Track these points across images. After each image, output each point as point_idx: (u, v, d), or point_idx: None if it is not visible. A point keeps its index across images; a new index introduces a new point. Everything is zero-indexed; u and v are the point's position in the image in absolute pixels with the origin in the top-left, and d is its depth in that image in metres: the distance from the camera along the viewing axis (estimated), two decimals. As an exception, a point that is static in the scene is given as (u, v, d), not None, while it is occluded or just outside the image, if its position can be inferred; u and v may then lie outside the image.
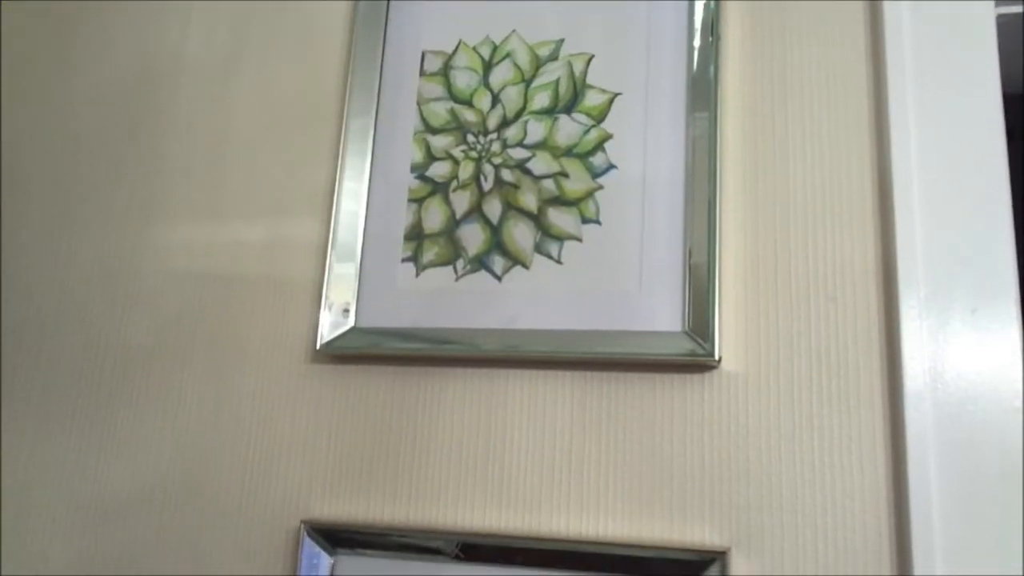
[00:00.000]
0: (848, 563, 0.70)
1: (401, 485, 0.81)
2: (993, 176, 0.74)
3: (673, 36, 0.83)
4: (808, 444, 0.73)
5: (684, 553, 0.71)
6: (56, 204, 1.00)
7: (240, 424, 0.86)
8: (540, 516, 0.77)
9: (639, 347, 0.76)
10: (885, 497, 0.70)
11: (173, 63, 1.01)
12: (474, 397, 0.81)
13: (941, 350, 0.71)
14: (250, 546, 0.83)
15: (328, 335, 0.84)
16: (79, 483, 0.89)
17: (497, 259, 0.82)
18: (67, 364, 0.93)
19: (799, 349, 0.74)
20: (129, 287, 0.94)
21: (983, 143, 0.75)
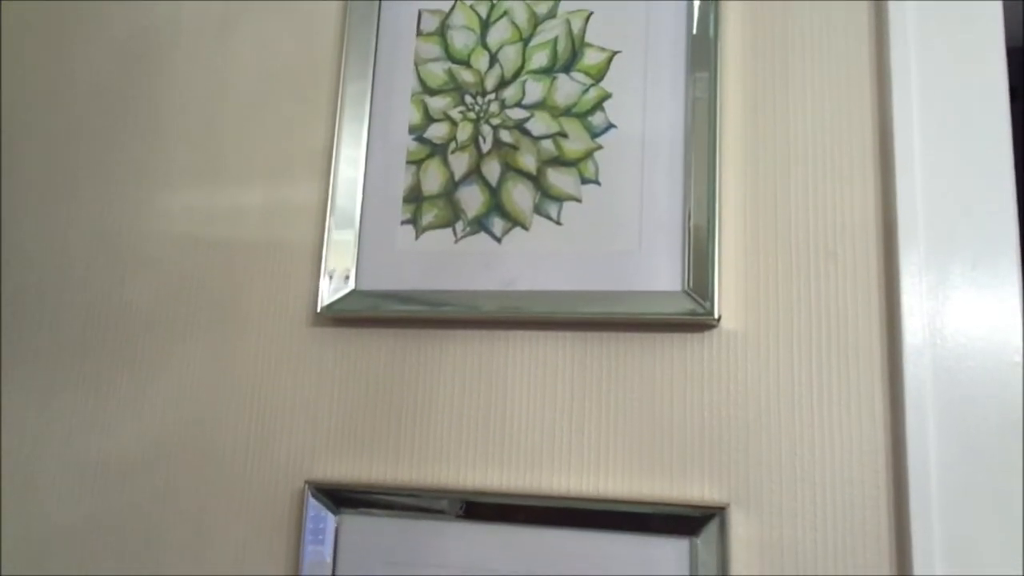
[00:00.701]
0: (846, 518, 0.70)
1: (403, 445, 0.81)
2: (995, 132, 0.73)
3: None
4: (807, 401, 0.73)
5: (683, 509, 0.72)
6: (54, 171, 0.99)
7: (242, 387, 0.87)
8: (541, 475, 0.77)
9: (639, 307, 0.76)
10: (883, 452, 0.71)
11: (169, 28, 1.00)
12: (474, 358, 0.81)
13: (941, 306, 0.71)
14: (255, 507, 0.84)
15: (328, 298, 0.84)
16: (84, 446, 0.90)
17: (496, 221, 0.82)
18: (69, 329, 0.94)
19: (799, 307, 0.75)
20: (129, 252, 0.94)
21: (985, 99, 0.74)
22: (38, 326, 0.95)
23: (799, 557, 0.71)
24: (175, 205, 0.94)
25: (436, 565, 0.77)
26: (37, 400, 0.93)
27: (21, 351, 0.95)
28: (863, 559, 0.70)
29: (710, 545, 0.70)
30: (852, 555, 0.70)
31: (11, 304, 0.97)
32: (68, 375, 0.92)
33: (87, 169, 0.98)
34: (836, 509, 0.71)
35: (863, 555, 0.70)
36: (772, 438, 0.73)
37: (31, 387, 0.93)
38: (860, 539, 0.70)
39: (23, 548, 0.89)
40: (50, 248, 0.97)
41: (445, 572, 0.76)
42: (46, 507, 0.90)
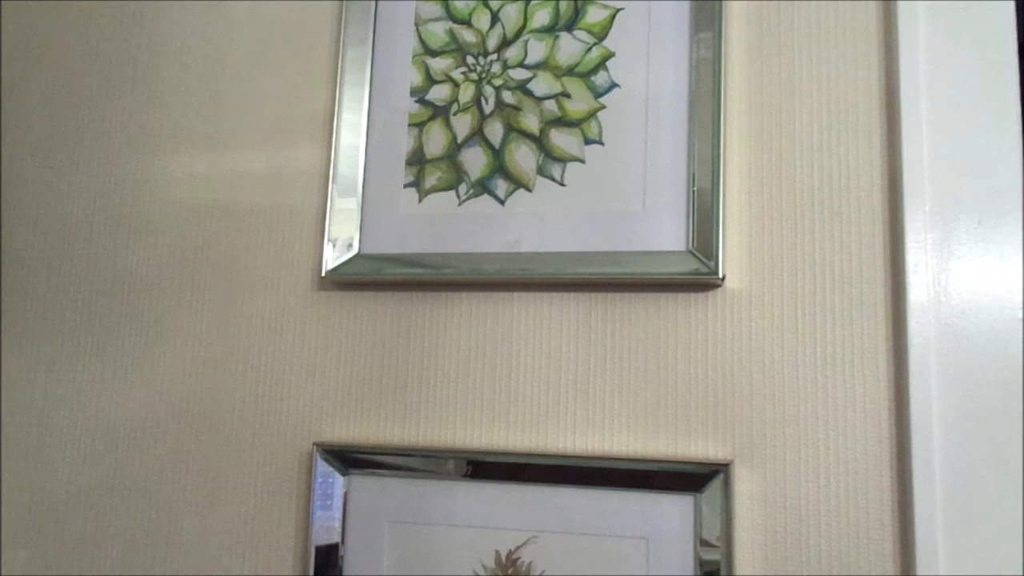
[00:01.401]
0: (848, 472, 0.71)
1: (410, 407, 0.82)
2: (1002, 89, 0.72)
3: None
4: (811, 358, 0.73)
5: (688, 466, 0.73)
6: (54, 138, 0.99)
7: (249, 351, 0.87)
8: (547, 434, 0.78)
9: (643, 267, 0.76)
10: (886, 409, 0.71)
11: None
12: (480, 320, 0.82)
13: (945, 263, 0.71)
14: (265, 469, 0.85)
15: (332, 262, 0.84)
16: (92, 410, 0.91)
17: (500, 182, 0.82)
18: (75, 295, 0.94)
19: (803, 265, 0.75)
20: (132, 218, 0.94)
21: (993, 56, 0.73)
22: (43, 293, 0.95)
23: (802, 512, 0.72)
24: (176, 171, 0.93)
25: (444, 524, 0.78)
26: (44, 365, 0.93)
27: (26, 317, 0.95)
28: (865, 513, 0.71)
29: (714, 501, 0.71)
30: (855, 510, 0.71)
31: (16, 271, 0.97)
32: (74, 341, 0.93)
33: (87, 136, 0.97)
34: (839, 465, 0.72)
35: (865, 509, 0.71)
36: (776, 396, 0.74)
37: (38, 353, 0.94)
38: (863, 494, 0.71)
39: (36, 511, 0.91)
40: (52, 215, 0.96)
41: (453, 530, 0.77)
42: (58, 470, 0.91)
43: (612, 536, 0.74)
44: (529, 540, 0.76)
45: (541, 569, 0.75)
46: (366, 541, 0.79)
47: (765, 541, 0.72)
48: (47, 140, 0.99)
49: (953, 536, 0.68)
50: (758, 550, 0.72)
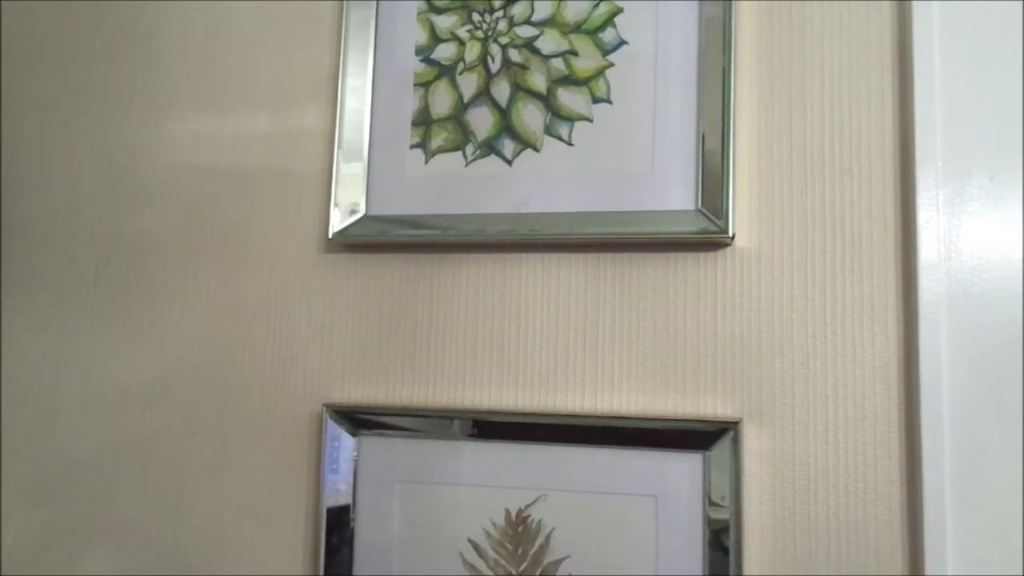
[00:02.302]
0: (857, 429, 0.72)
1: (419, 368, 0.82)
2: (1015, 45, 0.71)
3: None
4: (820, 317, 0.73)
5: (697, 424, 0.73)
6: (57, 102, 0.98)
7: (257, 314, 0.87)
8: (556, 394, 0.78)
9: (652, 226, 0.76)
10: (896, 366, 0.71)
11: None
12: (487, 281, 0.81)
13: (956, 219, 0.70)
14: (275, 430, 0.85)
15: (339, 224, 0.83)
16: (103, 374, 0.91)
17: (507, 143, 0.81)
18: (82, 259, 0.94)
19: (813, 223, 0.74)
20: (137, 182, 0.93)
21: (1006, 12, 0.72)
22: (50, 258, 0.95)
23: (810, 469, 0.72)
24: (181, 134, 0.93)
25: (453, 483, 0.78)
26: (54, 330, 0.94)
27: (34, 282, 0.95)
28: (874, 470, 0.71)
29: (723, 459, 0.72)
30: (863, 467, 0.71)
31: (23, 236, 0.97)
32: (83, 305, 0.93)
33: (91, 100, 0.97)
34: (848, 422, 0.72)
35: (874, 467, 0.71)
36: (785, 354, 0.74)
37: (47, 317, 0.94)
38: (871, 451, 0.71)
39: (50, 473, 0.92)
40: (57, 180, 0.96)
41: (462, 489, 0.78)
42: (70, 434, 0.92)
43: (621, 494, 0.74)
44: (538, 499, 0.76)
45: (550, 527, 0.76)
46: (376, 501, 0.80)
47: (774, 498, 0.73)
48: (49, 104, 0.98)
49: (961, 492, 0.68)
50: (766, 507, 0.73)
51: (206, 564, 0.86)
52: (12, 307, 0.96)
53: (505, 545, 0.77)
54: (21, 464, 0.93)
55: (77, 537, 0.90)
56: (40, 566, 0.91)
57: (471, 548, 0.78)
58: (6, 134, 0.99)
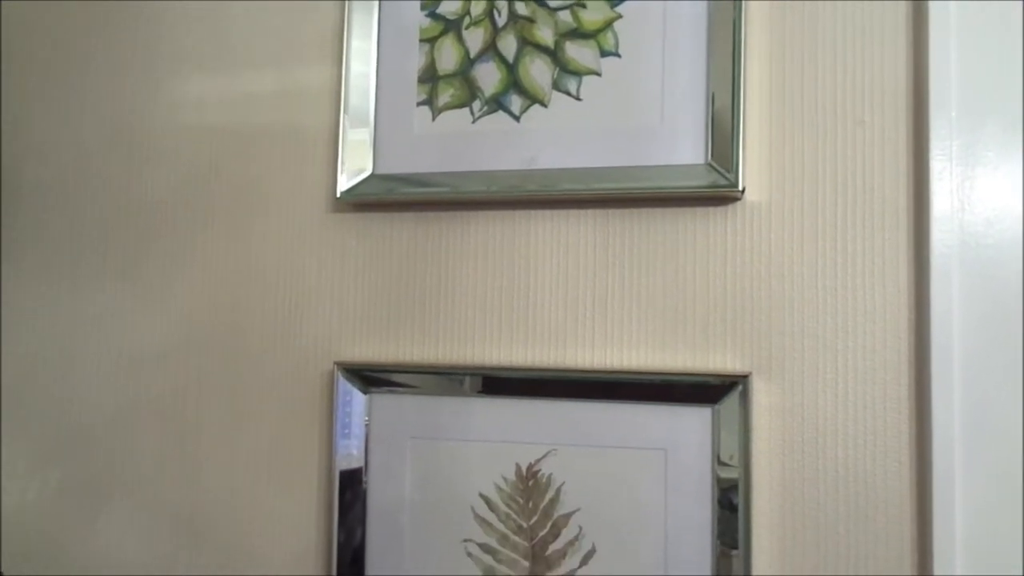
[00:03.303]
0: (866, 383, 0.72)
1: (428, 326, 0.83)
2: (1036, -14, 0.70)
3: None
4: (831, 270, 0.73)
5: (706, 378, 0.73)
6: (61, 64, 0.97)
7: (267, 274, 0.88)
8: (565, 350, 0.79)
9: (661, 181, 0.75)
10: (906, 319, 0.71)
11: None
12: (496, 239, 0.81)
13: (970, 170, 0.69)
14: (287, 389, 0.86)
15: (347, 183, 0.83)
16: (117, 334, 0.92)
17: (514, 98, 0.80)
18: (92, 222, 0.94)
19: (824, 176, 0.73)
20: (144, 144, 0.93)
21: (1027, -48, 0.70)
22: (59, 222, 0.95)
23: (819, 422, 0.72)
24: (186, 94, 0.92)
25: (464, 439, 0.79)
26: (67, 292, 0.94)
27: (44, 246, 0.96)
28: (883, 423, 0.71)
29: (732, 412, 0.72)
30: (872, 420, 0.71)
31: (30, 201, 0.97)
32: (95, 267, 0.94)
33: (93, 62, 0.96)
34: (857, 375, 0.72)
35: (883, 419, 0.71)
36: (795, 308, 0.73)
37: (58, 280, 0.95)
38: (880, 404, 0.71)
39: (68, 432, 0.93)
40: (64, 143, 0.96)
41: (474, 445, 0.79)
42: (86, 392, 0.93)
43: (630, 448, 0.75)
44: (549, 453, 0.77)
45: (561, 481, 0.77)
46: (389, 457, 0.81)
47: (783, 451, 0.73)
48: (53, 66, 0.97)
49: (970, 444, 0.68)
50: (775, 460, 0.73)
51: (220, 521, 0.87)
52: (23, 271, 0.96)
53: (516, 499, 0.78)
54: (40, 424, 0.94)
55: (94, 495, 0.92)
56: (60, 523, 0.93)
57: (482, 503, 0.78)
58: (8, 100, 0.99)
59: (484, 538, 0.78)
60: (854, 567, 0.71)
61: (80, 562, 0.92)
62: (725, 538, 0.72)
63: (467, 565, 0.78)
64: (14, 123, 0.98)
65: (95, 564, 0.91)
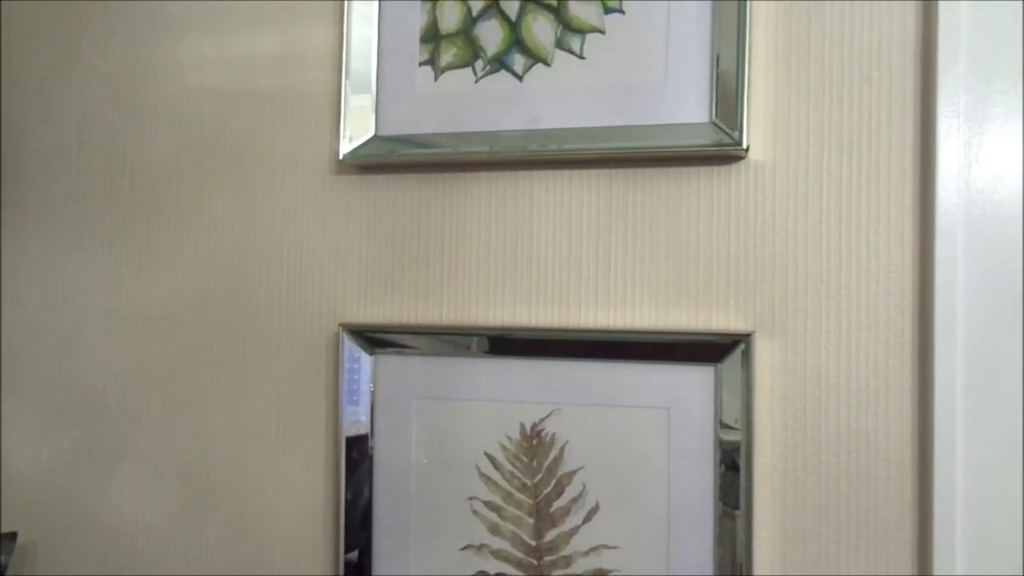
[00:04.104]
0: (869, 342, 0.72)
1: (432, 287, 0.83)
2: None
3: None
4: (835, 228, 0.73)
5: (709, 337, 0.74)
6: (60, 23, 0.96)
7: (271, 237, 0.88)
8: (569, 310, 0.79)
9: (665, 140, 0.74)
10: (910, 277, 0.71)
11: None
12: (500, 199, 0.81)
13: (979, 127, 0.69)
14: (293, 351, 0.87)
15: (349, 145, 0.83)
16: (125, 298, 0.93)
17: (517, 57, 0.79)
18: (95, 186, 0.94)
19: (830, 133, 0.73)
20: (145, 106, 0.93)
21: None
22: (62, 187, 0.96)
23: (822, 380, 0.73)
24: (187, 56, 0.92)
25: (469, 399, 0.80)
26: (72, 257, 0.95)
27: (49, 212, 0.96)
28: (885, 382, 0.71)
29: (734, 371, 0.72)
30: (875, 378, 0.72)
31: (34, 164, 0.97)
32: (99, 232, 0.94)
33: (95, 23, 0.95)
34: (860, 334, 0.72)
35: (886, 378, 0.71)
36: (799, 266, 0.73)
37: (64, 244, 0.95)
38: (883, 363, 0.71)
39: (79, 395, 0.94)
40: (65, 106, 0.96)
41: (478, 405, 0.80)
42: (95, 356, 0.94)
43: (633, 407, 0.76)
44: (552, 412, 0.78)
45: (565, 439, 0.77)
46: (395, 417, 0.82)
47: (785, 410, 0.73)
48: (53, 29, 0.97)
49: (973, 403, 0.68)
50: (777, 418, 0.74)
51: (230, 481, 0.89)
52: (27, 236, 0.97)
53: (520, 458, 0.79)
54: (50, 388, 0.96)
55: (106, 457, 0.93)
56: (73, 485, 0.95)
57: (487, 461, 0.79)
58: (9, 65, 0.98)
59: (489, 496, 0.79)
60: (855, 525, 0.72)
61: (93, 523, 0.94)
62: (728, 499, 0.73)
63: (472, 522, 0.80)
64: (15, 87, 0.98)
65: (108, 524, 0.93)
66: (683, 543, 0.74)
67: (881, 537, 0.71)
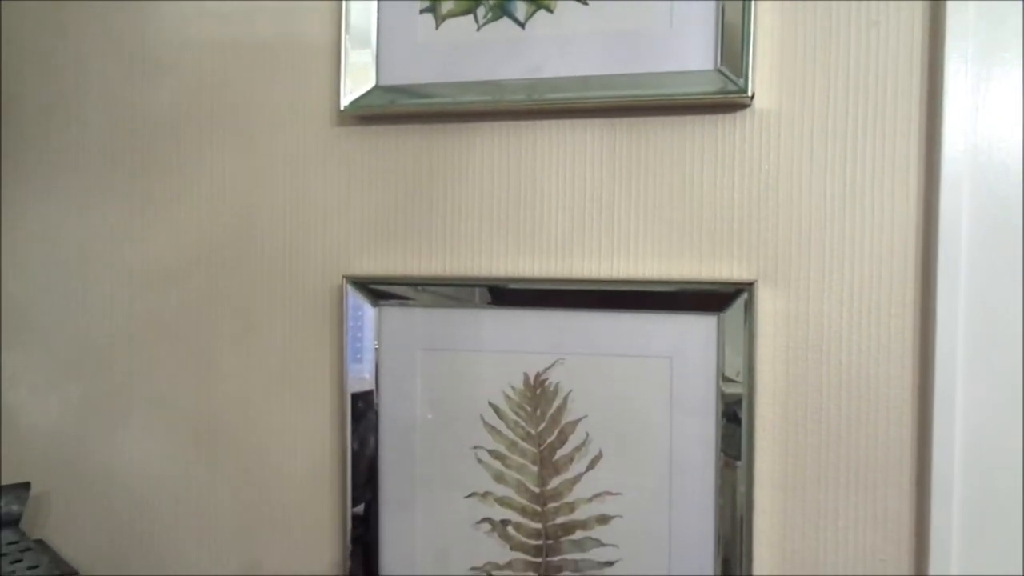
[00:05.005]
0: (872, 290, 0.72)
1: (435, 238, 0.83)
2: None
3: None
4: (840, 177, 0.72)
5: (712, 286, 0.74)
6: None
7: (273, 189, 0.88)
8: (572, 260, 0.79)
9: (670, 87, 0.74)
10: (914, 226, 0.71)
11: None
12: (502, 149, 0.81)
13: (987, 71, 0.68)
14: (297, 303, 0.87)
15: (350, 96, 0.82)
16: (129, 252, 0.93)
17: (519, 4, 0.78)
18: (97, 139, 0.94)
19: (836, 80, 0.72)
20: (145, 57, 0.92)
21: None
22: (63, 139, 0.95)
23: (824, 329, 0.73)
24: (186, 7, 0.90)
25: (473, 350, 0.80)
26: (76, 211, 0.95)
27: (50, 165, 0.96)
28: (887, 330, 0.72)
29: (737, 319, 0.73)
30: (876, 326, 0.72)
31: (34, 117, 0.96)
32: (102, 185, 0.94)
33: (91, -27, 0.94)
34: (863, 283, 0.72)
35: (888, 326, 0.72)
36: (803, 215, 0.73)
37: (66, 198, 0.95)
38: (886, 311, 0.72)
39: (85, 349, 0.95)
40: (65, 57, 0.95)
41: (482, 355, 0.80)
42: (100, 310, 0.94)
43: (636, 356, 0.76)
44: (556, 362, 0.78)
45: (568, 389, 0.78)
46: (399, 369, 0.83)
47: (787, 358, 0.74)
48: (50, -21, 0.95)
49: (974, 352, 0.69)
50: (779, 367, 0.74)
51: (237, 431, 0.90)
52: (29, 189, 0.97)
53: (524, 407, 0.79)
54: (57, 341, 0.96)
55: (114, 408, 0.95)
56: (81, 436, 0.96)
57: (491, 411, 0.80)
58: (8, 16, 0.97)
59: (493, 444, 0.80)
60: (854, 471, 0.73)
61: (104, 473, 0.95)
62: (729, 449, 0.74)
63: (477, 470, 0.81)
64: (14, 41, 0.97)
65: (118, 475, 0.95)
66: (684, 490, 0.75)
67: (880, 482, 0.72)
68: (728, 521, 0.74)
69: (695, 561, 0.75)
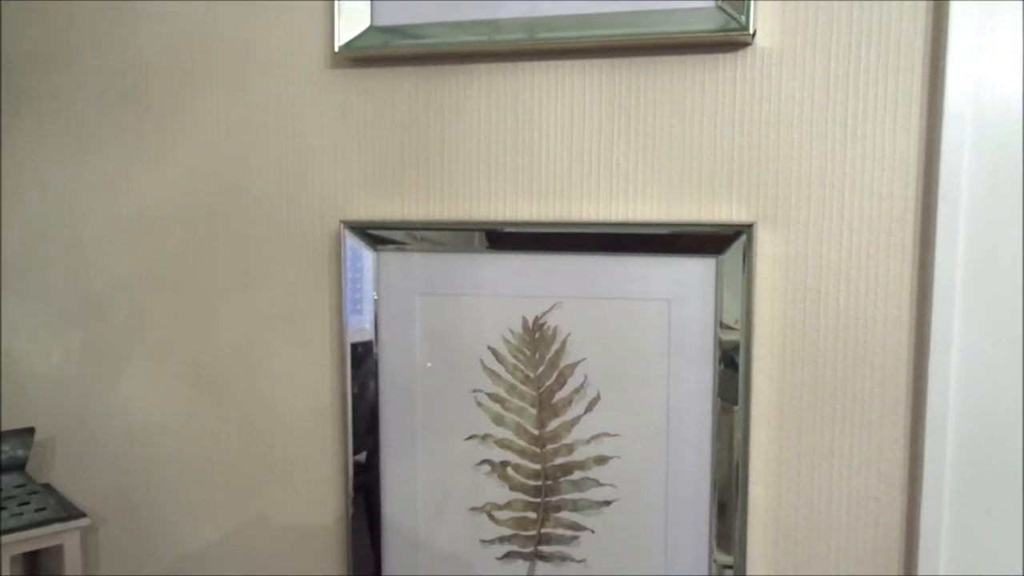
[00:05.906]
0: (872, 230, 0.72)
1: (433, 183, 0.82)
2: None
3: None
4: (841, 117, 0.71)
5: (711, 228, 0.74)
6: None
7: (269, 134, 0.87)
8: (571, 203, 0.79)
9: (669, 25, 0.72)
10: (915, 166, 0.70)
11: None
12: (499, 92, 0.80)
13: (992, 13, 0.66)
14: (296, 248, 0.87)
15: (344, 37, 0.81)
16: (125, 200, 0.93)
17: (516, -60, 0.76)
18: (90, 87, 0.93)
19: (839, 18, 0.71)
20: (136, 3, 0.90)
21: None
22: (58, 84, 0.94)
23: (822, 270, 0.73)
24: (174, -54, 0.88)
25: (472, 294, 0.81)
26: (70, 157, 0.94)
27: (42, 112, 0.95)
28: (886, 270, 0.72)
29: (735, 261, 0.73)
30: (875, 267, 0.72)
31: (28, 65, 0.95)
32: (96, 133, 0.93)
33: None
34: (862, 223, 0.72)
35: (886, 266, 0.72)
36: (803, 157, 0.72)
37: (62, 146, 0.94)
38: (884, 251, 0.72)
39: (84, 298, 0.95)
40: (54, 8, 0.93)
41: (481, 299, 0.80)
42: (99, 259, 0.94)
43: (635, 299, 0.76)
44: (554, 306, 0.79)
45: (567, 332, 0.78)
46: (399, 312, 0.83)
47: (785, 300, 0.74)
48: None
49: (971, 293, 0.69)
50: (777, 309, 0.74)
51: (238, 376, 0.91)
52: (24, 138, 0.96)
53: (523, 351, 0.80)
54: (57, 289, 0.96)
55: (115, 355, 0.95)
56: (83, 383, 0.97)
57: (491, 355, 0.81)
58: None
59: (493, 388, 0.81)
60: (850, 411, 0.74)
61: (107, 420, 0.96)
62: (726, 394, 0.74)
63: (477, 413, 0.82)
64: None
65: (121, 421, 0.96)
66: (682, 431, 0.76)
67: (875, 421, 0.73)
68: (724, 464, 0.75)
69: (691, 501, 0.76)
